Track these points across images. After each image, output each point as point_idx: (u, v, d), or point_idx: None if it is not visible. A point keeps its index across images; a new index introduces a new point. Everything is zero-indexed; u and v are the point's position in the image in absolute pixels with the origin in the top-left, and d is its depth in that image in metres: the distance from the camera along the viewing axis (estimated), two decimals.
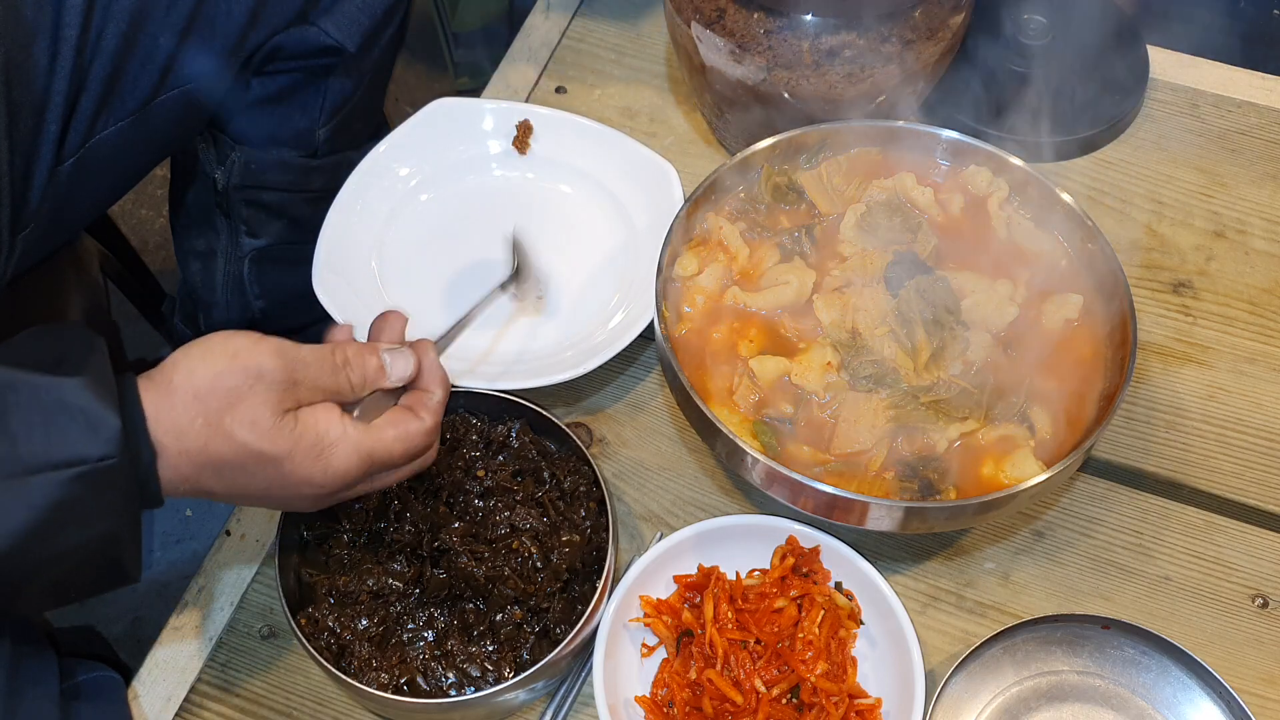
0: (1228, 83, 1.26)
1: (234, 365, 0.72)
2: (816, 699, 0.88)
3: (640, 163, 1.14)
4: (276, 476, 0.74)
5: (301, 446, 0.73)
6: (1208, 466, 1.03)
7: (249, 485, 0.74)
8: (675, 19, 1.08)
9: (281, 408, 0.73)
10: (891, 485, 0.89)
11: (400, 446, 0.78)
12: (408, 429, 0.78)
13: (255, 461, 0.72)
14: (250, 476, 0.73)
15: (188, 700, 0.94)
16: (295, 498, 0.76)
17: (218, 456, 0.72)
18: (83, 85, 1.01)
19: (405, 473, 0.81)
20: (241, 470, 0.73)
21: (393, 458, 0.78)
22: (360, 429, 0.76)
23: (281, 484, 0.74)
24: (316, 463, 0.74)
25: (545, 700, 0.93)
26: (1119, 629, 0.91)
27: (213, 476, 0.73)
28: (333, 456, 0.75)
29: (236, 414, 0.72)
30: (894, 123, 1.04)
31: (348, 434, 0.75)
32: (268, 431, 0.72)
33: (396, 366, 0.79)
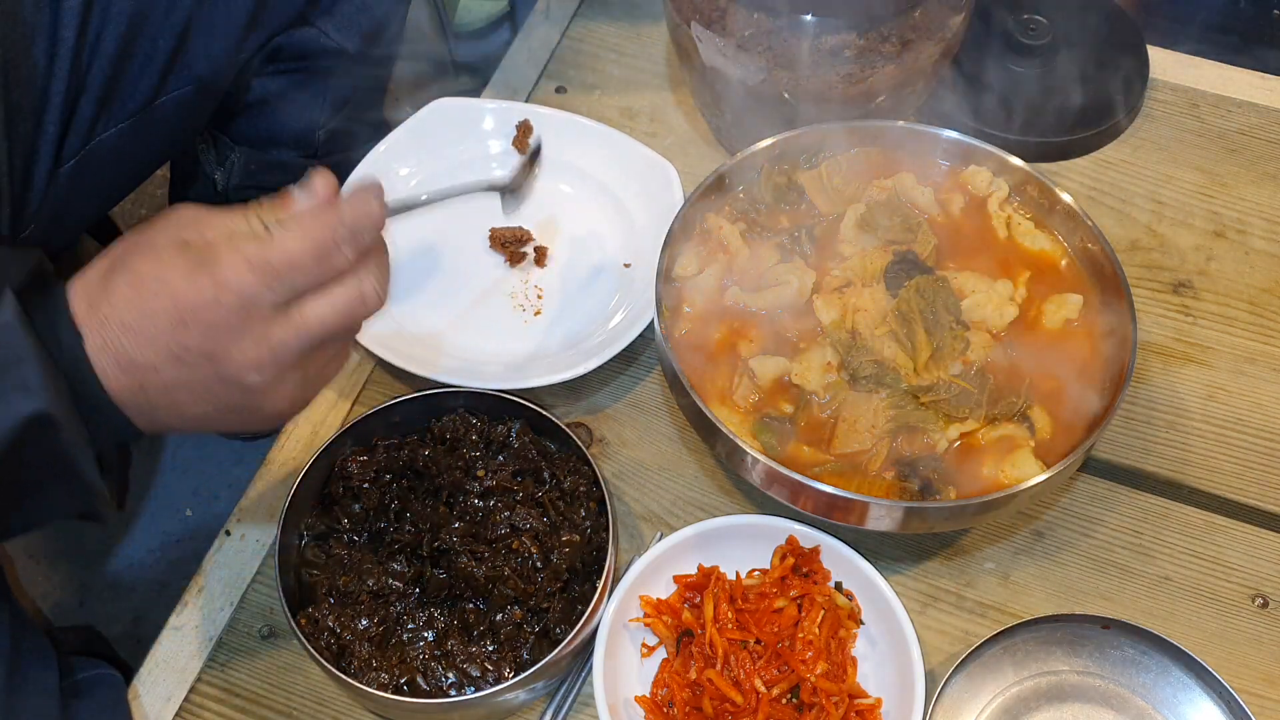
0: (1228, 83, 1.26)
1: (154, 219, 0.68)
2: (816, 699, 0.88)
3: (640, 163, 1.14)
4: (172, 306, 0.65)
5: (190, 263, 0.65)
6: (1208, 466, 1.03)
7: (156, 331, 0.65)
8: (675, 19, 1.08)
9: (180, 238, 0.66)
10: (891, 485, 0.89)
11: (299, 243, 0.66)
12: (303, 221, 0.67)
13: (149, 287, 0.65)
14: (151, 315, 0.65)
15: (188, 700, 0.94)
16: (205, 340, 0.66)
17: (118, 293, 0.65)
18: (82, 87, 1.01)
19: (334, 301, 0.69)
20: (142, 306, 0.65)
21: (293, 256, 0.66)
22: (252, 239, 0.66)
23: (181, 316, 0.65)
24: (205, 276, 0.65)
25: (545, 700, 0.93)
26: (1119, 629, 0.91)
27: (122, 325, 0.65)
28: (219, 267, 0.65)
29: (136, 249, 0.66)
30: (894, 123, 1.04)
31: (237, 245, 0.66)
32: (158, 255, 0.66)
33: (301, 191, 0.69)
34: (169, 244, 0.67)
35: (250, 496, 1.03)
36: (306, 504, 0.94)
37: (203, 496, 1.49)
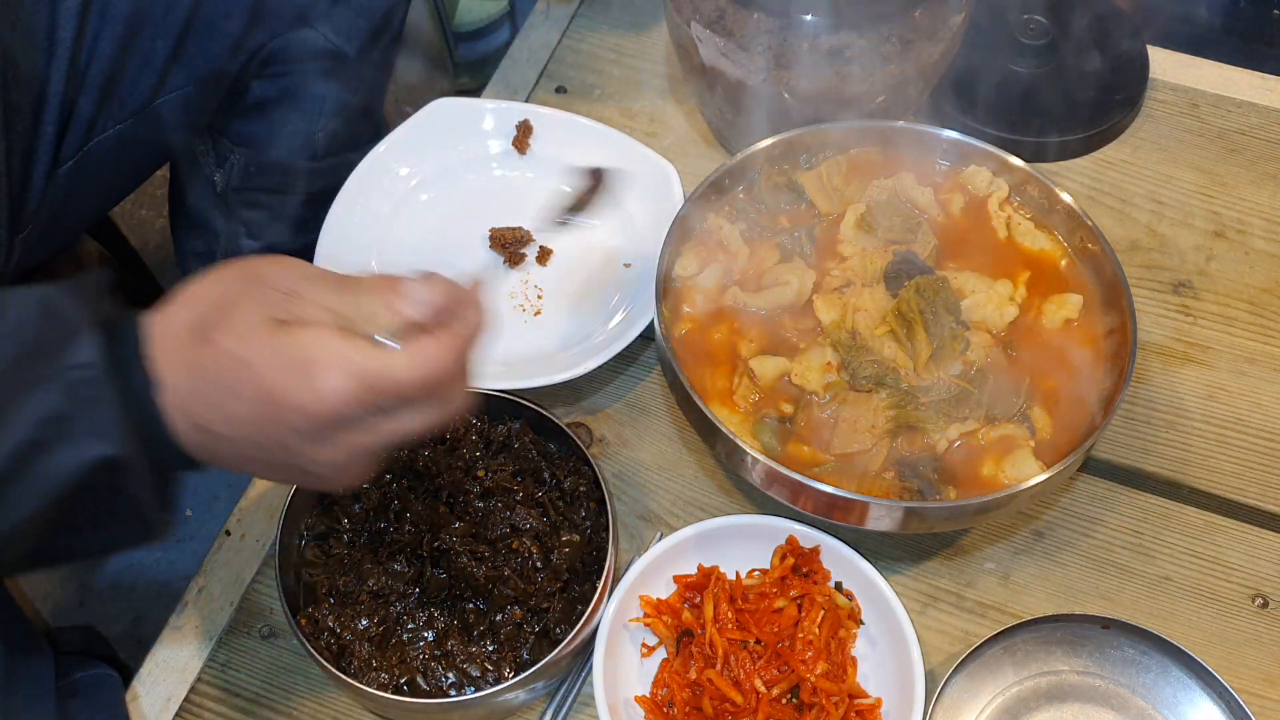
0: (1228, 83, 1.26)
1: (233, 270, 0.65)
2: (816, 699, 0.88)
3: (640, 163, 1.14)
4: (260, 396, 0.63)
5: (284, 358, 0.63)
6: (1208, 466, 1.03)
7: (238, 414, 0.64)
8: (675, 19, 1.08)
9: (273, 315, 0.64)
10: (891, 485, 0.89)
11: (410, 373, 0.64)
12: (422, 350, 0.64)
13: (237, 372, 0.63)
14: (236, 398, 0.63)
15: (188, 700, 0.94)
16: (287, 435, 0.64)
17: (203, 369, 0.63)
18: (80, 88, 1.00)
19: (425, 418, 0.67)
20: (228, 389, 0.63)
21: (401, 387, 0.64)
22: (359, 348, 0.64)
23: (266, 410, 0.63)
24: (301, 381, 0.62)
25: (545, 700, 0.93)
26: (1119, 629, 0.91)
27: (204, 400, 0.64)
28: (320, 375, 0.62)
29: (225, 319, 0.63)
30: (894, 123, 1.04)
31: (341, 351, 0.63)
32: (249, 335, 0.63)
33: (418, 291, 0.66)
34: (261, 323, 0.64)
35: (250, 496, 1.03)
36: (306, 504, 0.94)
37: (203, 496, 1.49)
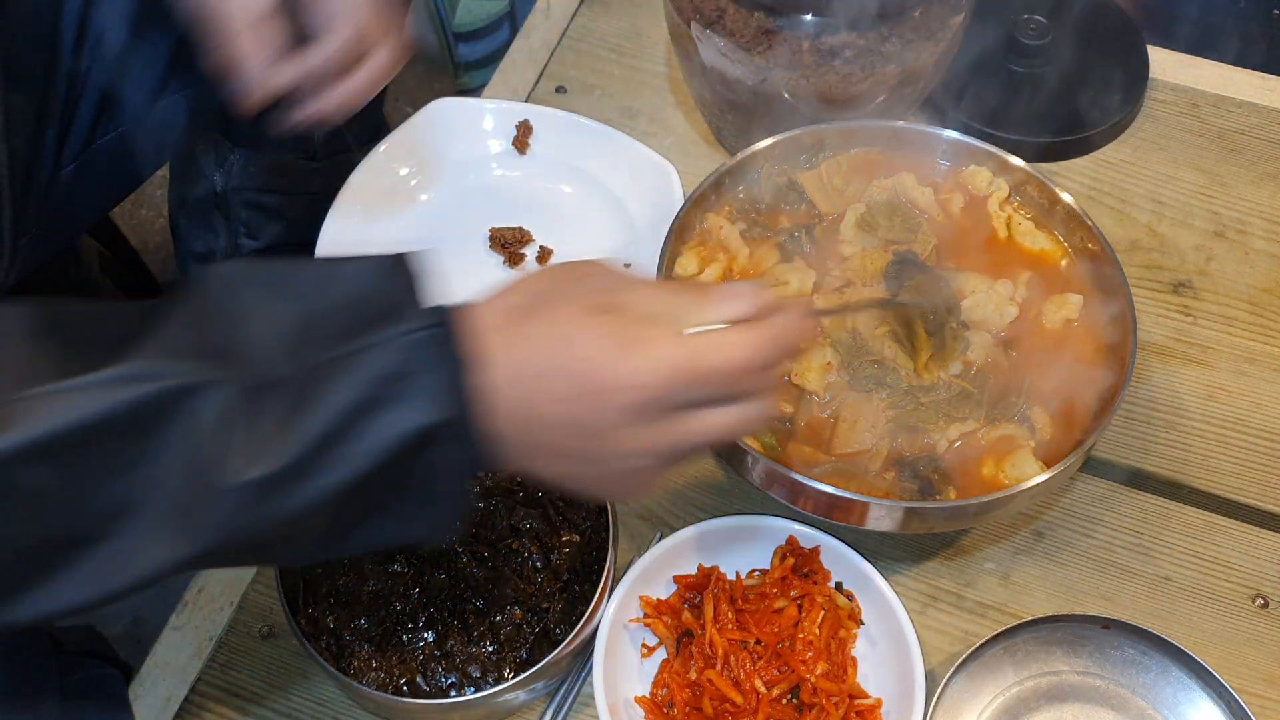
0: (1228, 83, 1.26)
1: (554, 269, 0.66)
2: (816, 699, 0.88)
3: (640, 163, 1.14)
4: (584, 372, 0.62)
5: (610, 336, 0.62)
6: (1208, 466, 1.03)
7: (559, 392, 0.63)
8: (675, 19, 1.08)
9: (595, 302, 0.64)
10: (891, 485, 0.89)
11: (730, 351, 0.63)
12: (742, 332, 0.64)
13: (560, 348, 0.62)
14: (558, 375, 0.62)
15: (188, 700, 0.94)
16: (607, 416, 0.63)
17: (525, 347, 0.62)
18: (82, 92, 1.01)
19: (735, 415, 0.66)
20: (550, 366, 0.62)
21: (721, 367, 0.63)
22: (670, 326, 0.64)
23: (589, 387, 0.62)
24: (626, 356, 0.62)
25: (545, 700, 0.93)
26: (1119, 629, 0.91)
27: (525, 380, 0.62)
28: (646, 350, 0.62)
29: (548, 303, 0.64)
30: (894, 123, 1.03)
31: (665, 331, 0.63)
32: (574, 316, 0.63)
33: (738, 288, 0.66)
34: (586, 307, 0.64)
35: None
36: None
37: None
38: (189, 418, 0.57)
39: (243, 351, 0.60)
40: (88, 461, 0.57)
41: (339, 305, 0.62)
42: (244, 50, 0.83)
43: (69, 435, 0.56)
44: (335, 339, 0.60)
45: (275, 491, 0.59)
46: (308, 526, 0.61)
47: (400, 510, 0.64)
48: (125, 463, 0.58)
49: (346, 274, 0.63)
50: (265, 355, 0.60)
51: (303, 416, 0.58)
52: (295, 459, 0.58)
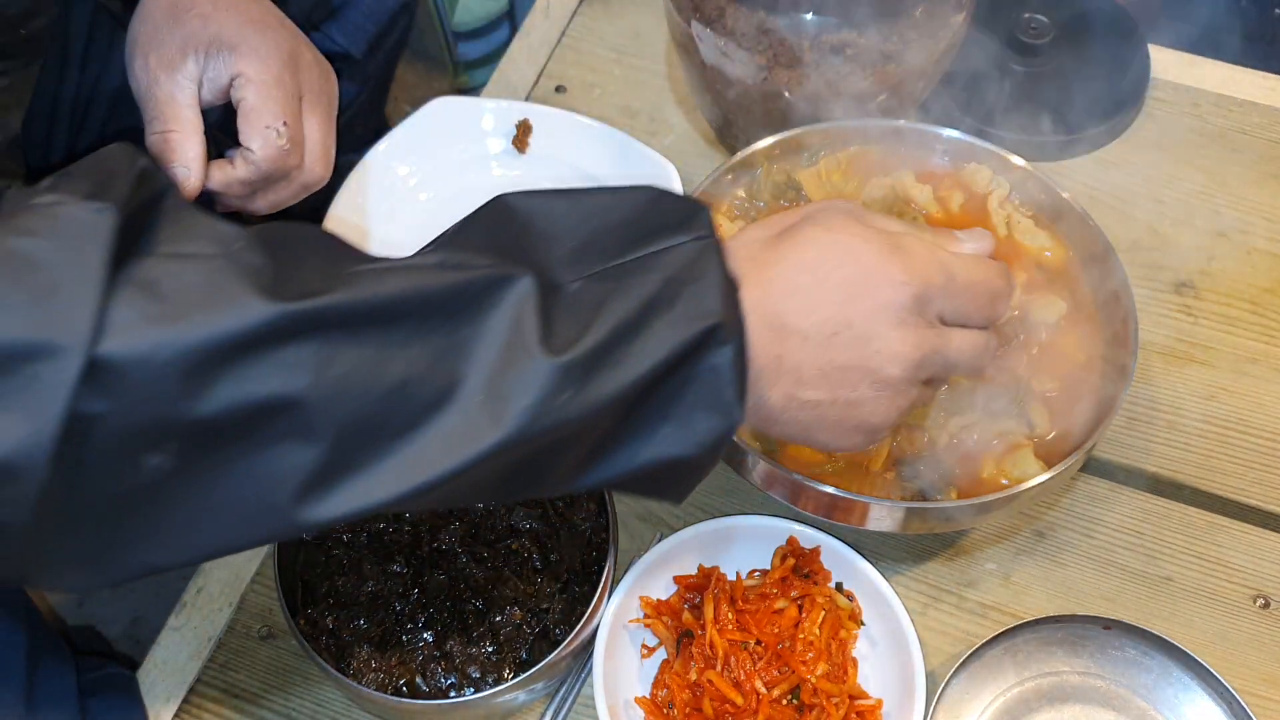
0: (1229, 82, 1.26)
1: (805, 206, 0.71)
2: (817, 700, 0.88)
3: (640, 162, 1.14)
4: (855, 267, 0.66)
5: (878, 236, 0.67)
6: (1209, 467, 1.03)
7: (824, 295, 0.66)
8: (675, 18, 1.08)
9: (852, 220, 0.69)
10: (892, 485, 0.88)
11: (976, 265, 0.70)
12: (990, 264, 0.72)
13: (827, 251, 0.66)
14: (824, 279, 0.66)
15: (187, 701, 0.94)
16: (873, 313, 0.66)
17: (787, 258, 0.66)
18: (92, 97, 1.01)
19: (980, 340, 0.72)
20: (816, 268, 0.66)
21: (975, 288, 0.70)
22: (936, 247, 0.70)
23: (859, 281, 0.66)
24: (894, 253, 0.67)
25: (545, 701, 0.93)
26: (1120, 629, 0.91)
27: (787, 288, 0.66)
28: (911, 249, 0.67)
29: (806, 220, 0.68)
30: (894, 122, 1.03)
31: (924, 240, 0.69)
32: (839, 223, 0.67)
33: (971, 241, 0.73)
34: (848, 220, 0.68)
35: None
36: None
37: None
38: (505, 303, 0.59)
39: (541, 252, 0.63)
40: (413, 334, 0.58)
41: (626, 220, 0.64)
42: (172, 147, 0.86)
43: (399, 303, 0.57)
44: (627, 246, 0.63)
45: (580, 378, 0.59)
46: (595, 424, 0.61)
47: (679, 415, 0.64)
48: (446, 343, 0.58)
49: (628, 197, 0.65)
50: (561, 257, 0.63)
51: (604, 310, 0.60)
52: (599, 345, 0.59)
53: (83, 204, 0.54)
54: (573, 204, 0.65)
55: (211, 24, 0.85)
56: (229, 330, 0.54)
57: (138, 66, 0.86)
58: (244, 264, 0.56)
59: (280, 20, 0.90)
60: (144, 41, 0.86)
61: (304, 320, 0.55)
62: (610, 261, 0.62)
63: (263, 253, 0.57)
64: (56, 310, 0.51)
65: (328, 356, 0.56)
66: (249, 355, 0.54)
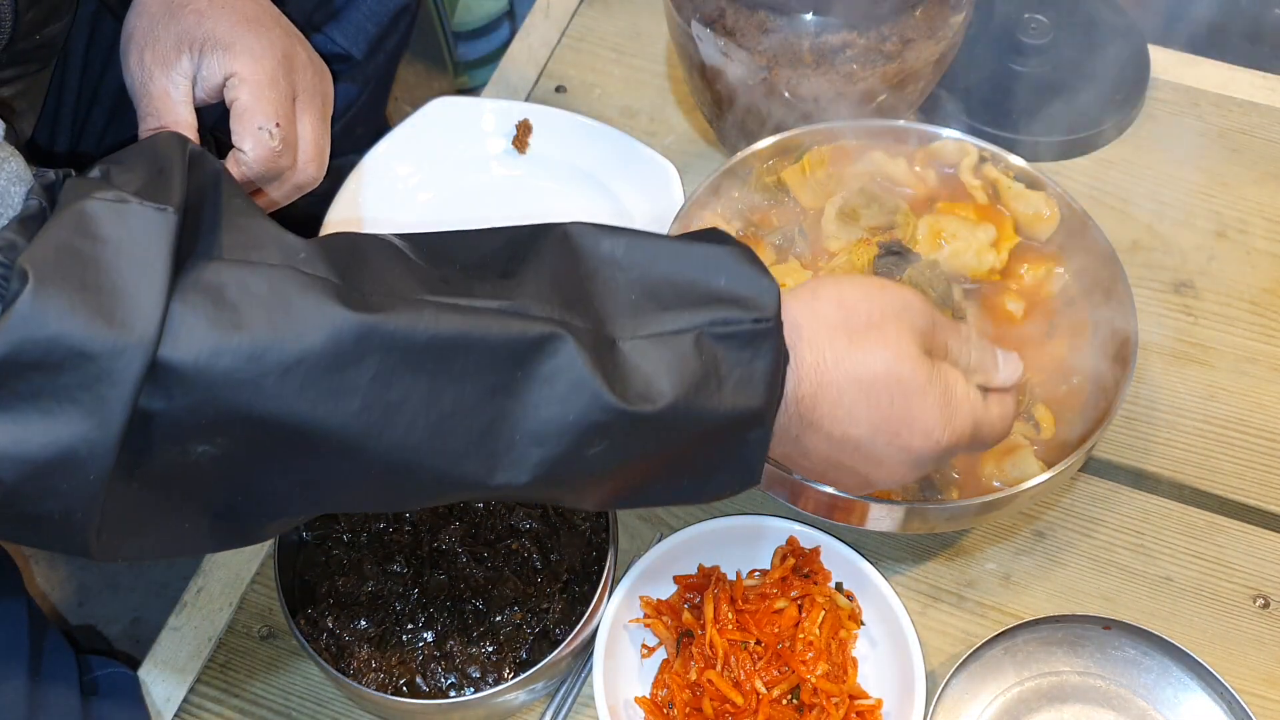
0: (1229, 82, 1.26)
1: (884, 291, 0.70)
2: (817, 700, 0.88)
3: (640, 162, 1.14)
4: (900, 410, 0.69)
5: (936, 386, 0.69)
6: (1209, 467, 1.03)
7: (862, 414, 0.69)
8: (675, 18, 1.08)
9: (922, 346, 0.70)
10: None
11: (999, 425, 0.75)
12: (1004, 406, 0.75)
13: (886, 383, 0.68)
14: (871, 404, 0.68)
15: (187, 701, 0.94)
16: (895, 444, 0.70)
17: (848, 372, 0.68)
18: (95, 98, 1.01)
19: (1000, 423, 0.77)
20: (866, 394, 0.68)
21: (986, 438, 0.75)
22: (978, 397, 0.73)
23: (898, 419, 0.69)
24: (943, 411, 0.70)
25: (545, 701, 0.93)
26: (1120, 629, 0.91)
27: (831, 399, 0.68)
28: (957, 411, 0.71)
29: (883, 333, 0.69)
30: (894, 122, 1.03)
31: (970, 396, 0.72)
32: (911, 356, 0.69)
33: (1007, 369, 0.76)
34: (917, 348, 0.70)
35: None
36: None
37: None
38: (560, 356, 0.60)
39: (602, 300, 0.64)
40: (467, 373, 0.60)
41: (693, 279, 0.65)
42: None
43: (460, 341, 0.59)
44: (689, 305, 0.64)
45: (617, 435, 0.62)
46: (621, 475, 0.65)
47: (701, 471, 0.67)
48: (498, 382, 0.60)
49: (698, 253, 0.66)
50: (622, 306, 0.64)
51: (655, 379, 0.62)
52: (643, 414, 0.61)
53: (145, 205, 0.56)
54: (639, 250, 0.65)
55: (207, 21, 0.85)
56: (288, 343, 0.56)
57: (133, 62, 0.86)
58: (308, 276, 0.57)
59: (276, 19, 0.90)
60: (139, 37, 0.86)
61: (364, 341, 0.57)
62: (669, 327, 0.63)
63: (326, 265, 0.58)
64: (123, 312, 0.53)
65: (384, 381, 0.58)
66: (307, 370, 0.56)
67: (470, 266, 0.65)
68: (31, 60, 0.83)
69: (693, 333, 0.63)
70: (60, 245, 0.54)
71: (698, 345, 0.63)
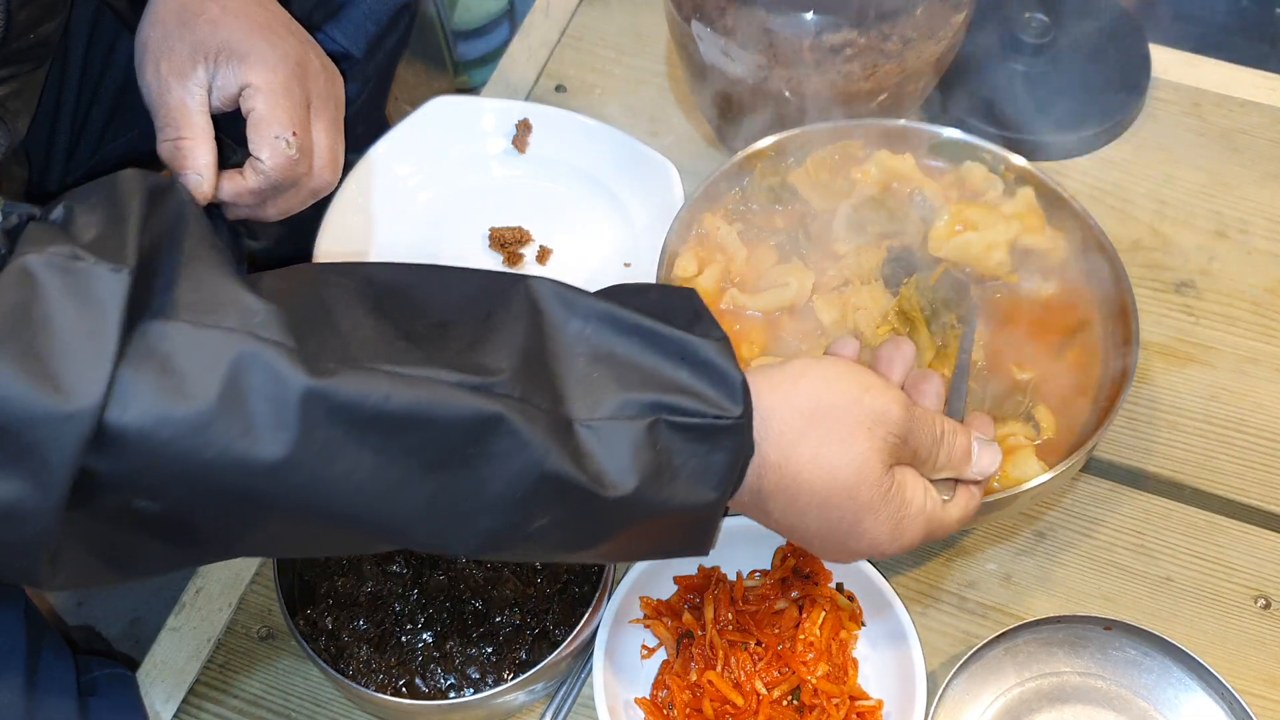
0: (1230, 82, 1.25)
1: (863, 398, 0.68)
2: (817, 701, 0.88)
3: (640, 162, 1.14)
4: (848, 524, 0.69)
5: (889, 507, 0.69)
6: (1210, 467, 1.03)
7: (813, 520, 0.69)
8: (675, 17, 1.08)
9: (888, 461, 0.69)
10: None
11: (955, 525, 0.74)
12: (963, 505, 0.74)
13: (840, 503, 0.68)
14: (822, 514, 0.68)
15: (186, 701, 0.94)
16: (844, 548, 0.71)
17: (807, 483, 0.67)
18: (94, 98, 1.01)
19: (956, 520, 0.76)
20: (820, 504, 0.68)
21: (940, 537, 0.74)
22: (935, 504, 0.72)
23: (845, 532, 0.69)
24: (892, 528, 0.70)
25: (545, 702, 0.92)
26: (1121, 630, 0.91)
27: (785, 500, 0.68)
28: (907, 527, 0.70)
29: (849, 447, 0.67)
30: (894, 122, 1.03)
31: (925, 508, 0.71)
32: (871, 482, 0.68)
33: (982, 461, 0.74)
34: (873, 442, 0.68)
35: None
36: None
37: None
38: (510, 437, 0.60)
39: (563, 379, 0.62)
40: (416, 450, 0.59)
41: (656, 363, 0.64)
42: (184, 154, 0.86)
43: (409, 417, 0.58)
44: (653, 388, 0.63)
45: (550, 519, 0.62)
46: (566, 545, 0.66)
47: (656, 540, 0.68)
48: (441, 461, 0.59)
49: (661, 340, 0.65)
50: (582, 383, 0.63)
51: (612, 466, 0.62)
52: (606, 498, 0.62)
53: (99, 264, 0.55)
54: (609, 327, 0.64)
55: (221, 30, 0.86)
56: (234, 415, 0.55)
57: (148, 73, 0.87)
58: (262, 342, 0.56)
59: (288, 26, 0.91)
60: (154, 47, 0.87)
61: (311, 414, 0.56)
62: (626, 412, 0.62)
63: (282, 328, 0.57)
64: (69, 378, 0.53)
65: (330, 454, 0.57)
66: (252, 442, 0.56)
67: (440, 321, 0.64)
68: (26, 60, 0.83)
69: (647, 420, 0.62)
70: (7, 310, 0.53)
71: (653, 433, 0.62)
